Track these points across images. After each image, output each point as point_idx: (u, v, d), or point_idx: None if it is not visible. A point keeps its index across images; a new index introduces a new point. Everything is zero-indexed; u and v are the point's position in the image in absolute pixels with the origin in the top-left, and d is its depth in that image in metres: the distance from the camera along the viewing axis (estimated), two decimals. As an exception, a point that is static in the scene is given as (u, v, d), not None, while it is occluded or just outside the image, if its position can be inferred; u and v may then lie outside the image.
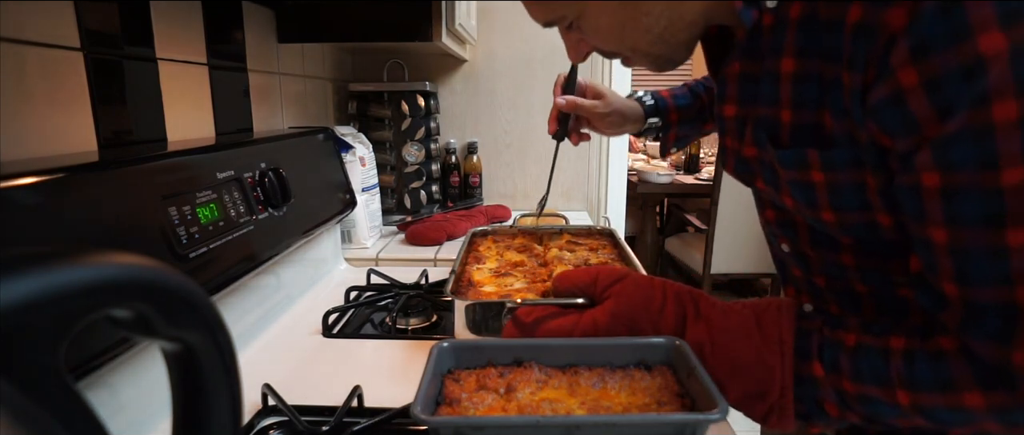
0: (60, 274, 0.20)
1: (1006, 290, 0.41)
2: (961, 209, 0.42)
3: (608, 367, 0.50)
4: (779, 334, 0.51)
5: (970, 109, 0.39)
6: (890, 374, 0.46)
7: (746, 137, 0.59)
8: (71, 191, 0.53)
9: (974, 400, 0.43)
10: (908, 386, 0.46)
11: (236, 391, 0.29)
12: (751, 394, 0.50)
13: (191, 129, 0.89)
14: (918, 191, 0.43)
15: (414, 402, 0.42)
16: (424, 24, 1.17)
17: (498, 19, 1.71)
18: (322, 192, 1.08)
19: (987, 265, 0.42)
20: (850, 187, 0.50)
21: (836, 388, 0.49)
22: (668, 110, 0.93)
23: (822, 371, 0.49)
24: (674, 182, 3.00)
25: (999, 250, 0.41)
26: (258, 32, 1.11)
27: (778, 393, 0.50)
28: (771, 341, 0.50)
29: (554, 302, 0.58)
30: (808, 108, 0.51)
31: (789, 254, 0.64)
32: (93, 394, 0.56)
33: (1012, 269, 0.41)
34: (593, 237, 1.05)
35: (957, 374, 0.44)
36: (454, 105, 1.76)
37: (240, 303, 0.84)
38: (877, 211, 0.49)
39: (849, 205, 0.51)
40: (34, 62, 0.61)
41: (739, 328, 0.52)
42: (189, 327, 0.26)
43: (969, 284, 0.43)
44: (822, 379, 0.49)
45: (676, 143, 0.97)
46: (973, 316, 0.43)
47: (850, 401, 0.49)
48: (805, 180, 0.52)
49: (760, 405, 0.50)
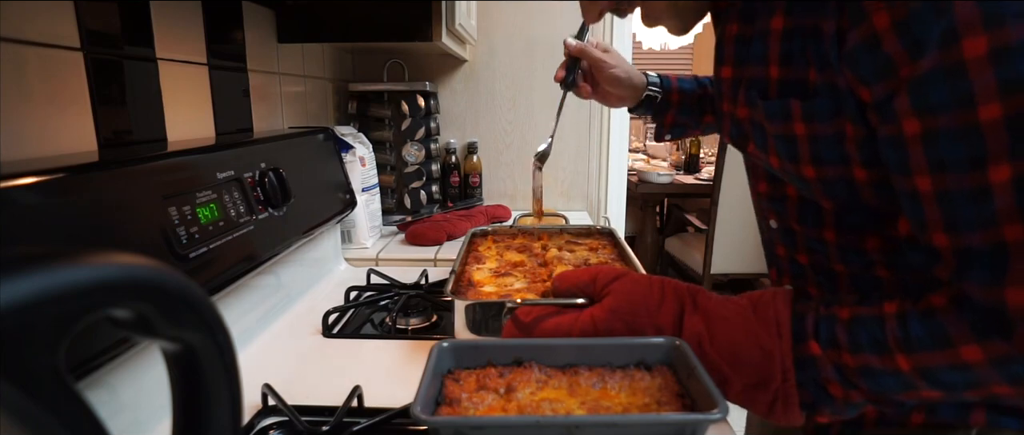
0: (60, 274, 0.20)
1: (994, 231, 0.41)
2: (943, 153, 0.42)
3: (608, 367, 0.50)
4: (775, 316, 0.50)
5: (940, 47, 0.40)
6: (887, 340, 0.46)
7: (739, 98, 0.61)
8: (71, 191, 0.52)
9: (972, 353, 0.43)
10: (906, 349, 0.45)
11: (236, 391, 0.29)
12: (754, 385, 0.50)
13: (191, 129, 0.89)
14: (901, 141, 0.44)
15: (414, 402, 0.42)
16: (424, 24, 1.17)
17: (498, 19, 1.71)
18: (322, 192, 1.08)
19: (974, 208, 0.42)
20: (829, 139, 0.51)
21: (836, 364, 0.48)
22: (670, 89, 0.93)
23: (819, 349, 0.48)
24: (674, 182, 3.00)
25: (983, 191, 0.41)
26: (258, 32, 1.11)
27: (780, 379, 0.49)
28: (768, 324, 0.50)
29: (554, 302, 0.58)
30: (795, 64, 0.52)
31: (776, 230, 0.66)
32: (93, 394, 0.56)
33: (997, 209, 0.40)
34: (593, 237, 1.05)
35: (951, 328, 0.43)
36: (454, 105, 1.76)
37: (240, 303, 0.84)
38: (854, 165, 0.51)
39: (828, 158, 0.52)
40: (34, 62, 0.61)
41: (736, 316, 0.52)
42: (189, 327, 0.26)
43: (958, 231, 0.43)
44: (821, 357, 0.48)
45: (672, 129, 0.96)
46: (965, 263, 0.43)
47: (852, 376, 0.48)
48: (788, 133, 0.54)
49: (764, 395, 0.50)
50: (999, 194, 0.40)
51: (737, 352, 0.50)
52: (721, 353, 0.51)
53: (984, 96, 0.39)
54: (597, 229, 1.07)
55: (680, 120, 0.95)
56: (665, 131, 0.97)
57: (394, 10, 1.17)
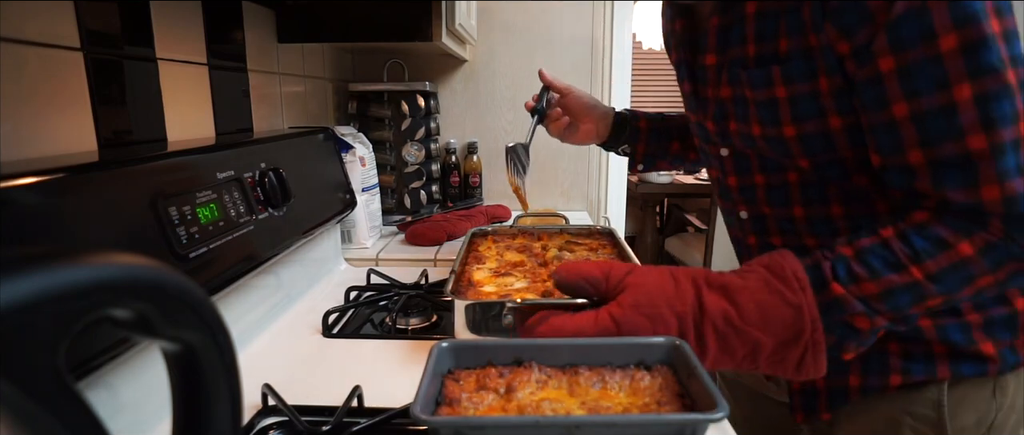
0: (60, 274, 0.20)
1: (961, 143, 0.51)
2: (915, 82, 0.51)
3: (608, 367, 0.50)
4: (792, 271, 0.53)
5: None
6: (898, 258, 0.52)
7: (722, 80, 0.68)
8: (71, 191, 0.52)
9: (966, 248, 0.51)
10: (916, 260, 0.52)
11: (236, 391, 0.29)
12: (786, 341, 0.51)
13: (191, 129, 0.89)
14: (878, 79, 0.53)
15: (414, 402, 0.42)
16: (424, 24, 1.17)
17: (498, 19, 1.71)
18: (322, 192, 1.08)
19: (944, 123, 0.51)
20: (806, 97, 0.59)
21: (860, 296, 0.53)
22: (637, 116, 1.01)
23: (842, 288, 0.53)
24: (674, 182, 3.01)
25: (949, 108, 0.50)
26: (258, 32, 1.11)
27: (809, 329, 0.51)
28: (788, 280, 0.52)
29: (554, 302, 0.58)
30: (767, 39, 0.61)
31: (747, 220, 0.74)
32: (93, 394, 0.56)
33: (962, 122, 0.50)
34: (593, 237, 1.05)
35: (944, 233, 0.52)
36: (454, 105, 1.76)
37: (240, 303, 0.84)
38: (830, 115, 0.59)
39: (806, 114, 0.60)
40: (34, 62, 0.61)
41: (755, 281, 0.53)
42: (189, 327, 0.26)
43: (932, 145, 0.52)
44: (844, 295, 0.52)
45: (644, 159, 1.03)
46: (941, 172, 0.52)
47: (876, 303, 0.53)
48: (770, 97, 0.62)
49: (795, 350, 0.52)
50: (963, 110, 0.50)
51: (767, 313, 0.51)
52: (750, 320, 0.51)
53: (943, 29, 0.49)
54: (597, 229, 1.07)
55: (650, 149, 1.01)
56: (638, 160, 1.03)
57: (394, 10, 1.17)
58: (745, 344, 0.52)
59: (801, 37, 0.58)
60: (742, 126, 0.67)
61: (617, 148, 1.02)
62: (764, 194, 0.70)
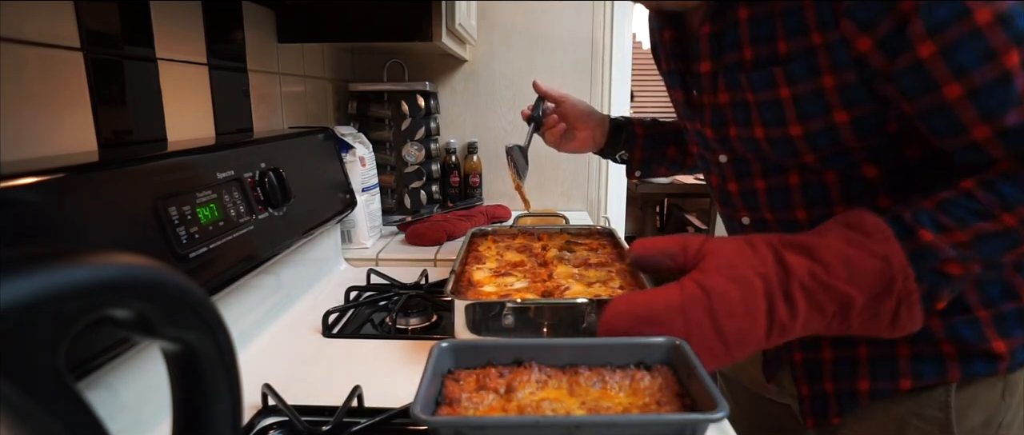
0: (60, 274, 0.20)
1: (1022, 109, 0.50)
2: (961, 59, 0.50)
3: (608, 367, 0.50)
4: (874, 225, 0.52)
5: None
6: (985, 207, 0.51)
7: (718, 86, 0.68)
8: (71, 191, 0.52)
9: None
10: (1006, 207, 0.51)
11: (236, 391, 0.29)
12: (878, 294, 0.51)
13: (191, 129, 0.89)
14: (920, 65, 0.52)
15: (414, 402, 0.42)
16: (424, 24, 1.17)
17: (498, 19, 1.71)
18: (322, 192, 1.08)
19: (1001, 93, 0.50)
20: (810, 95, 0.59)
21: (951, 243, 0.52)
22: (633, 122, 1.02)
23: (931, 235, 0.52)
24: (674, 182, 3.01)
25: (1004, 77, 0.49)
26: (258, 32, 1.11)
27: (901, 278, 0.50)
28: (870, 232, 0.52)
29: (553, 302, 0.58)
30: (764, 43, 0.61)
31: (749, 226, 0.73)
32: (93, 394, 0.56)
33: (1020, 89, 0.49)
34: (593, 237, 1.05)
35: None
36: (454, 105, 1.76)
37: (240, 303, 0.84)
38: (835, 110, 0.59)
39: (811, 112, 0.60)
40: (34, 62, 0.61)
41: (837, 237, 0.52)
42: (189, 327, 0.26)
43: (996, 117, 0.51)
44: (934, 241, 0.51)
45: (641, 165, 1.02)
46: (1014, 140, 0.51)
47: (967, 250, 0.52)
48: (774, 98, 0.62)
49: (888, 302, 0.51)
50: (1017, 75, 0.49)
51: (854, 267, 0.51)
52: (838, 275, 0.51)
53: (975, 3, 0.49)
54: (597, 229, 1.07)
55: (647, 154, 1.01)
56: (635, 167, 1.03)
57: (394, 10, 1.17)
58: (834, 300, 0.50)
59: (803, 37, 0.58)
60: (743, 130, 0.67)
61: (614, 155, 1.02)
62: (766, 199, 0.70)
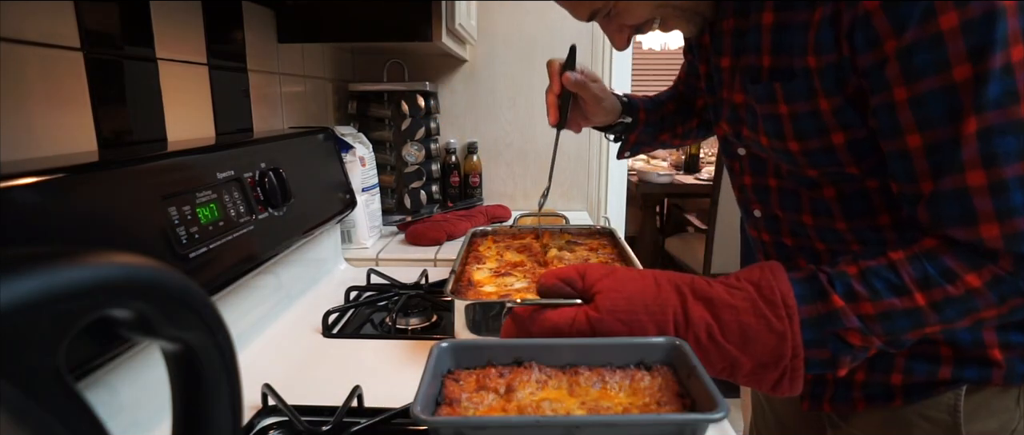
0: (60, 274, 0.20)
1: (959, 177, 0.50)
2: (927, 112, 0.50)
3: (608, 367, 0.50)
4: (781, 296, 0.52)
5: (920, 22, 0.49)
6: (904, 282, 0.51)
7: (735, 85, 0.68)
8: (71, 191, 0.52)
9: (974, 280, 0.50)
10: (923, 287, 0.51)
11: (236, 391, 0.29)
12: (765, 364, 0.51)
13: (191, 129, 0.89)
14: (891, 107, 0.52)
15: (414, 402, 0.42)
16: (424, 24, 1.17)
17: (498, 19, 1.71)
18: (322, 192, 1.08)
19: (950, 155, 0.50)
20: (806, 115, 0.60)
21: (858, 314, 0.52)
22: (638, 109, 0.99)
23: (841, 302, 0.52)
24: (674, 182, 3.00)
25: (957, 140, 0.49)
26: (258, 32, 1.11)
27: (790, 355, 0.51)
28: (776, 305, 0.51)
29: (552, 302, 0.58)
30: (783, 54, 0.61)
31: (761, 218, 0.74)
32: (93, 394, 0.56)
33: (964, 157, 0.49)
34: (593, 237, 1.05)
35: (952, 263, 0.51)
36: (454, 105, 1.76)
37: (240, 303, 0.84)
38: (832, 131, 0.59)
39: (808, 131, 0.60)
40: (34, 62, 0.61)
41: (743, 302, 0.52)
42: (189, 327, 0.26)
43: (940, 177, 0.51)
44: (843, 309, 0.51)
45: (635, 146, 1.01)
46: (938, 207, 0.51)
47: (872, 323, 0.52)
48: (774, 112, 0.62)
49: (772, 373, 0.52)
50: (966, 145, 0.49)
51: (748, 335, 0.51)
52: (733, 339, 0.51)
53: (957, 59, 0.48)
54: (597, 229, 1.07)
55: (641, 138, 1.00)
56: (627, 148, 1.02)
57: (394, 10, 1.17)
58: (724, 359, 0.51)
59: (804, 58, 0.58)
60: (752, 134, 0.68)
61: (611, 134, 1.00)
62: (777, 197, 0.70)
